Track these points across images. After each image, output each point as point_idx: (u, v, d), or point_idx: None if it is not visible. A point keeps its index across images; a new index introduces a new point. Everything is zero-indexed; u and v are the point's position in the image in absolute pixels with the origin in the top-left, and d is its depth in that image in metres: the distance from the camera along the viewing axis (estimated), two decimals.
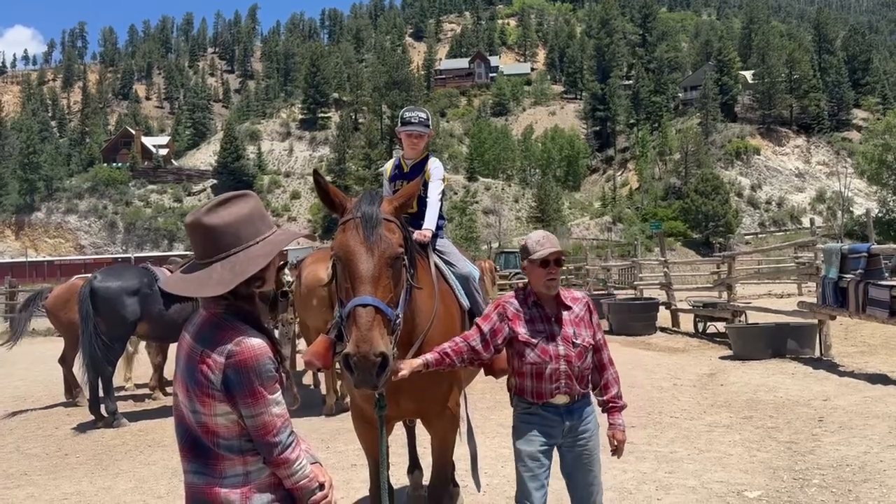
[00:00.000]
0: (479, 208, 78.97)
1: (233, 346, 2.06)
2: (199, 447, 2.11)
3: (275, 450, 2.08)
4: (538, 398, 3.37)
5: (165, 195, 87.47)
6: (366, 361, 2.71)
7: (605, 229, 74.90)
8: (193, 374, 2.08)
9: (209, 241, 2.15)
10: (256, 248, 2.16)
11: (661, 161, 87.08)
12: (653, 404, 8.29)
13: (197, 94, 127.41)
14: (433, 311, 3.58)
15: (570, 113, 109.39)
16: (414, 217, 4.21)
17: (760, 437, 6.64)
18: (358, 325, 2.75)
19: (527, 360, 3.36)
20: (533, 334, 3.37)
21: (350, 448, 6.50)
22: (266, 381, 2.07)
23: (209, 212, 2.16)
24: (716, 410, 7.86)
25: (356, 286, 2.87)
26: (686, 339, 14.53)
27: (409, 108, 4.66)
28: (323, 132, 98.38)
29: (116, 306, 8.57)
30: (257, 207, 2.23)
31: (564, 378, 3.34)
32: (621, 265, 31.03)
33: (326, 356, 3.85)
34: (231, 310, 2.15)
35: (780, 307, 13.61)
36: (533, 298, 3.47)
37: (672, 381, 9.77)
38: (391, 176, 4.68)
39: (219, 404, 2.06)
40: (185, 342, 2.17)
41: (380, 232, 2.96)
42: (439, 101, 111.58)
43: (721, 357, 11.73)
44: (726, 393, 8.79)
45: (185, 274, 2.20)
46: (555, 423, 3.37)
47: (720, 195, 68.54)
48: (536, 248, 3.41)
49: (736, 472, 5.62)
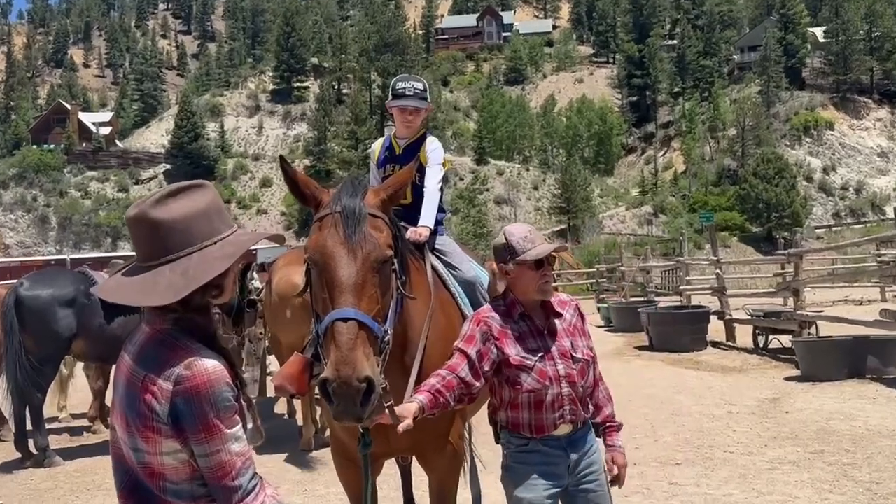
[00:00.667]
0: (490, 197, 79.05)
1: (182, 369, 2.05)
2: (142, 492, 2.11)
3: (234, 496, 2.07)
4: (538, 432, 3.31)
5: (108, 184, 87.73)
6: (347, 388, 2.69)
7: (644, 222, 74.93)
8: (134, 404, 2.08)
9: (156, 239, 2.14)
10: (214, 249, 2.15)
11: (713, 138, 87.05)
12: (702, 436, 8.27)
13: (146, 61, 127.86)
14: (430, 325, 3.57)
15: (600, 80, 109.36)
16: (408, 210, 4.22)
17: (834, 476, 6.62)
18: (338, 343, 2.74)
19: (523, 387, 3.28)
20: (527, 354, 3.30)
21: (332, 491, 6.51)
22: (223, 412, 2.07)
23: (157, 204, 2.16)
24: (779, 444, 7.84)
25: (335, 296, 2.86)
26: (743, 356, 14.49)
27: (402, 77, 4.67)
28: (299, 106, 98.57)
29: (47, 320, 8.57)
30: (215, 201, 2.24)
31: (568, 403, 3.30)
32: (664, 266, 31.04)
33: (301, 380, 3.85)
34: (181, 324, 2.15)
35: (859, 316, 13.57)
36: (520, 310, 3.40)
37: (726, 408, 9.75)
38: (380, 159, 4.68)
39: (165, 440, 2.05)
40: (124, 364, 2.17)
41: (364, 230, 2.96)
42: (441, 66, 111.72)
43: (786, 378, 11.70)
44: (792, 422, 8.77)
45: (125, 278, 2.20)
46: (559, 459, 3.33)
47: (785, 179, 68.45)
48: (525, 245, 3.32)
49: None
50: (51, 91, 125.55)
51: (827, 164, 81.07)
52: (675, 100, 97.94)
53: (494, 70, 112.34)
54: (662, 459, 7.18)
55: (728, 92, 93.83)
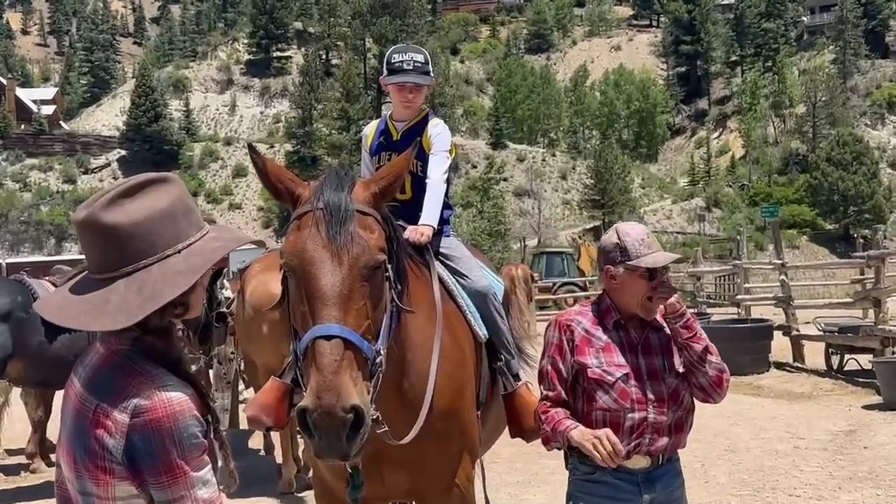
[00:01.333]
0: (508, 188, 78.95)
1: (141, 399, 2.06)
2: None
3: None
4: (610, 459, 3.35)
5: (52, 173, 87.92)
6: (331, 419, 2.69)
7: (694, 218, 74.70)
8: (84, 439, 2.09)
9: (109, 248, 2.14)
10: (177, 260, 2.16)
11: (778, 117, 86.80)
12: (764, 476, 8.29)
13: (96, 27, 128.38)
14: (434, 343, 3.58)
15: (642, 48, 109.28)
16: (408, 206, 4.23)
17: None
18: (319, 366, 2.73)
19: (597, 404, 3.42)
20: (609, 369, 3.42)
21: None
22: (188, 451, 2.08)
23: (110, 205, 2.15)
24: (856, 486, 7.84)
25: (317, 310, 2.85)
26: (814, 380, 14.49)
27: (399, 48, 4.65)
28: (279, 79, 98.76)
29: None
30: (181, 198, 2.24)
31: (651, 432, 3.41)
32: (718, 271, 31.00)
33: (280, 409, 3.88)
34: (141, 345, 2.16)
35: None
36: (615, 317, 3.53)
37: (792, 443, 9.76)
38: (374, 147, 4.69)
39: (119, 483, 2.07)
40: (73, 391, 2.18)
41: (350, 229, 2.94)
42: (450, 31, 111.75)
43: (865, 406, 11.70)
44: (872, 459, 8.78)
45: (71, 295, 2.20)
46: (629, 496, 3.43)
47: (865, 166, 68.14)
48: (641, 249, 3.43)
49: None
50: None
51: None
52: (732, 70, 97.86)
53: (514, 36, 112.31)
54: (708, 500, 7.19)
55: (796, 61, 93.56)
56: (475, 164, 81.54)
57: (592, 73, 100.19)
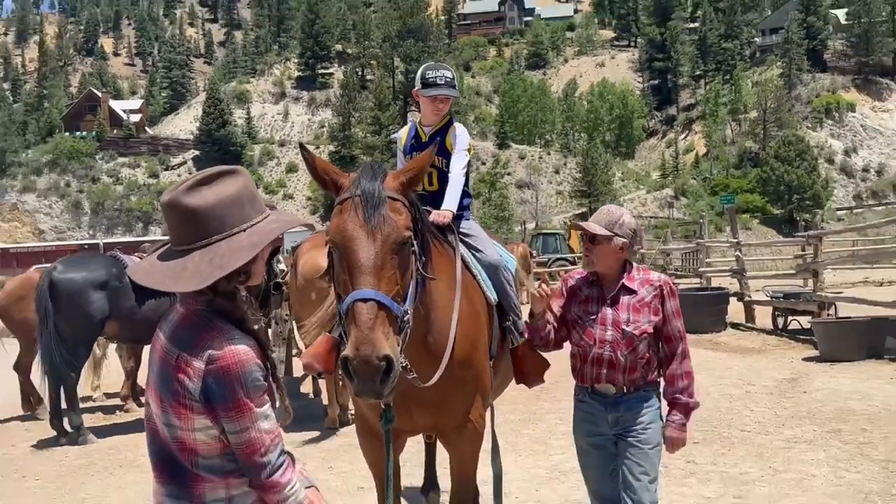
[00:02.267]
0: (511, 181, 78.83)
1: (214, 349, 2.10)
2: (175, 467, 2.16)
3: (263, 472, 2.13)
4: (581, 381, 3.78)
5: (139, 170, 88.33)
6: (367, 366, 2.72)
7: (665, 205, 74.45)
8: (168, 382, 2.13)
9: (188, 225, 2.17)
10: (242, 237, 2.18)
11: (735, 121, 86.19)
12: (720, 416, 8.28)
13: (174, 49, 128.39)
14: (454, 306, 3.60)
15: (622, 64, 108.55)
16: (434, 196, 4.23)
17: (850, 454, 6.61)
18: (357, 323, 2.76)
19: (573, 340, 3.79)
20: (582, 315, 3.74)
21: (356, 468, 6.58)
22: (253, 392, 2.11)
23: (190, 190, 2.18)
24: (796, 423, 7.83)
25: (355, 277, 2.88)
26: (762, 337, 14.44)
27: (431, 66, 4.61)
28: (324, 92, 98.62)
29: (81, 303, 8.70)
30: (247, 187, 2.25)
31: (606, 366, 3.66)
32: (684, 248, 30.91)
33: (328, 358, 3.92)
34: (214, 306, 2.19)
35: (878, 297, 13.47)
36: (593, 276, 3.82)
37: (744, 388, 9.74)
38: (406, 147, 4.67)
39: (197, 417, 2.11)
40: (159, 344, 2.22)
41: (382, 212, 2.96)
42: (463, 51, 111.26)
43: (805, 359, 11.65)
44: (810, 402, 8.75)
45: (156, 262, 2.23)
46: (599, 413, 3.73)
47: (806, 162, 67.77)
48: (591, 222, 3.76)
49: (819, 497, 5.62)
50: (82, 79, 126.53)
51: (848, 146, 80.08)
52: (697, 83, 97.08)
53: (516, 55, 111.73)
54: None
55: (750, 75, 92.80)
56: (484, 162, 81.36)
57: (581, 86, 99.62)
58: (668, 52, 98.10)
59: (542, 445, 7.37)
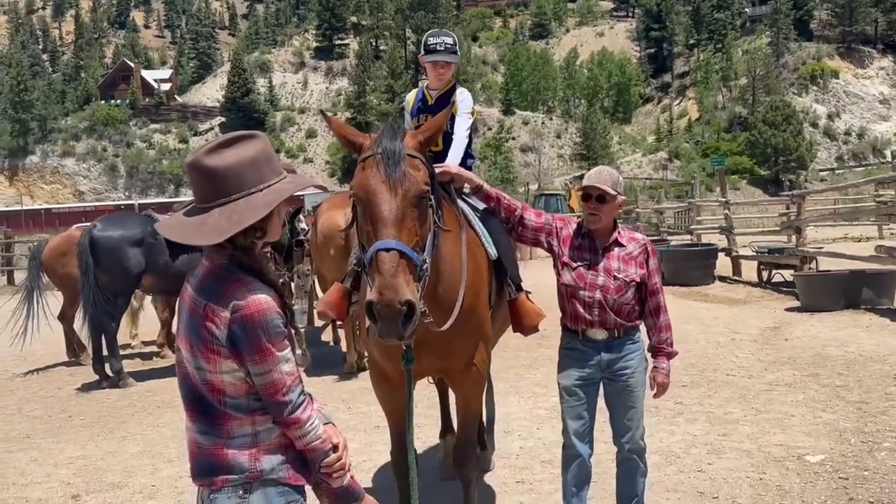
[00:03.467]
0: (515, 145, 78.26)
1: (238, 300, 2.12)
2: (205, 406, 2.19)
3: (285, 409, 2.16)
4: (574, 322, 3.78)
5: (170, 135, 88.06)
6: (390, 310, 2.74)
7: (660, 167, 73.86)
8: (197, 330, 2.15)
9: (209, 184, 2.18)
10: (258, 195, 2.18)
11: (725, 87, 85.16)
12: (707, 361, 8.33)
13: (200, 22, 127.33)
14: (460, 258, 3.60)
15: (620, 34, 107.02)
16: (439, 156, 4.20)
17: (827, 396, 6.66)
18: (381, 271, 2.78)
19: (562, 279, 3.80)
20: (574, 259, 3.78)
21: (373, 409, 6.64)
22: (274, 338, 2.14)
23: (211, 152, 2.19)
24: (777, 368, 7.87)
25: (378, 229, 2.89)
26: (748, 290, 14.45)
27: (434, 33, 4.60)
28: (340, 62, 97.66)
29: (119, 258, 8.78)
30: (265, 150, 2.25)
31: (598, 307, 3.70)
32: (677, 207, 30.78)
33: (341, 306, 3.96)
34: (234, 259, 2.21)
35: (857, 252, 13.43)
36: (586, 229, 3.84)
37: (730, 336, 9.78)
38: (414, 109, 4.67)
39: (224, 361, 2.14)
40: (187, 295, 2.24)
41: (403, 168, 2.96)
42: (470, 23, 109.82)
43: (787, 309, 11.68)
44: (790, 348, 8.79)
45: (182, 218, 2.25)
46: (592, 357, 3.75)
47: (792, 126, 67.00)
48: (585, 180, 3.79)
49: (797, 435, 5.67)
50: (115, 51, 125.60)
51: (832, 111, 79.02)
52: (690, 51, 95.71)
53: (521, 25, 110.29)
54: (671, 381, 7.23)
55: (740, 43, 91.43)
56: (490, 127, 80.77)
57: (581, 55, 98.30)
58: (663, 22, 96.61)
59: (542, 388, 7.43)
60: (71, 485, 5.63)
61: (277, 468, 2.19)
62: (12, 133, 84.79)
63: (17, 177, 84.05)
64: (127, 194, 78.04)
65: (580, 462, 3.79)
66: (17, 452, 6.55)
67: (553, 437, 5.88)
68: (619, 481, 3.94)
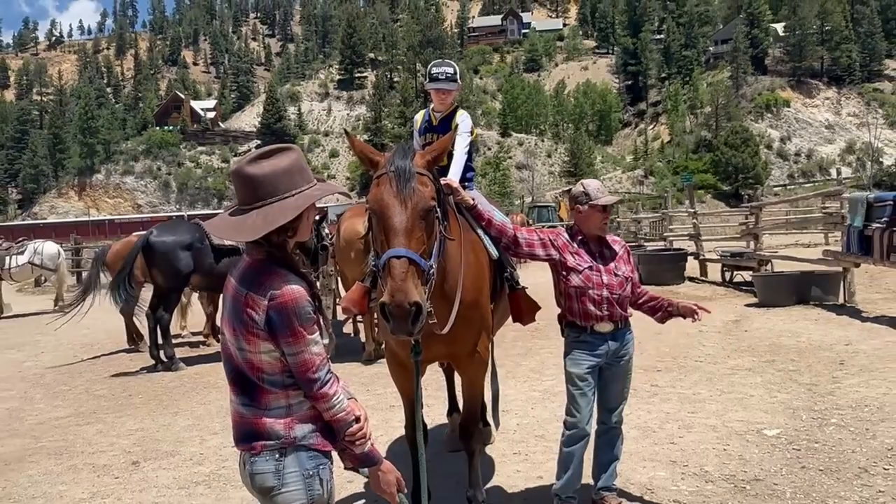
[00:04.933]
0: (512, 163, 78.21)
1: (274, 289, 2.12)
2: (246, 382, 2.19)
3: (314, 385, 2.16)
4: (584, 319, 3.73)
5: (214, 156, 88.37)
6: (401, 310, 2.72)
7: (636, 182, 73.72)
8: (239, 315, 2.15)
9: (249, 189, 2.19)
10: (290, 200, 2.18)
11: (692, 114, 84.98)
12: (678, 349, 8.28)
13: (240, 59, 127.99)
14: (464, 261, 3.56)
15: (602, 68, 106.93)
16: (443, 170, 4.18)
17: (781, 379, 6.61)
18: (393, 275, 2.76)
19: (571, 283, 3.73)
20: (579, 263, 3.75)
21: (388, 391, 6.65)
22: (305, 322, 2.13)
23: (251, 162, 2.20)
24: (739, 355, 7.83)
25: (390, 238, 2.87)
26: (713, 288, 14.38)
27: (437, 63, 4.57)
28: (360, 92, 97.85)
29: (172, 259, 8.81)
30: (297, 161, 2.25)
31: (607, 303, 3.70)
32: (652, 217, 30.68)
33: (362, 302, 3.95)
34: (270, 256, 2.21)
35: (806, 256, 13.36)
36: (580, 237, 3.82)
37: (698, 328, 9.62)
38: (421, 128, 4.66)
39: (263, 342, 2.13)
40: (230, 285, 2.24)
41: (413, 185, 2.93)
42: (472, 58, 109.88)
43: (747, 305, 11.60)
44: (750, 338, 8.73)
45: (227, 217, 2.26)
46: (600, 346, 3.74)
47: (750, 147, 66.92)
48: (598, 194, 3.74)
49: (756, 412, 5.63)
50: (168, 84, 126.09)
51: (784, 135, 78.83)
52: (662, 83, 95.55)
53: (516, 60, 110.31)
54: (646, 367, 7.21)
55: (705, 77, 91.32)
56: (490, 147, 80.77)
57: (568, 86, 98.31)
58: (639, 59, 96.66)
59: (536, 374, 7.41)
60: (131, 453, 5.63)
61: (308, 435, 2.18)
62: (81, 155, 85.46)
63: (85, 192, 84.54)
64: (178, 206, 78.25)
65: (586, 440, 3.78)
66: (85, 426, 6.57)
67: (545, 416, 5.87)
68: (601, 450, 3.92)
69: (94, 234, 49.35)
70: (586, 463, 3.88)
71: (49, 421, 6.83)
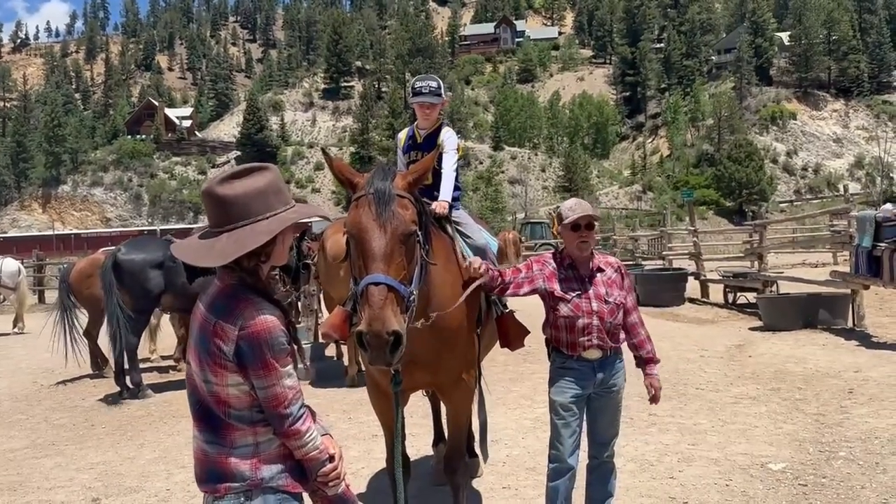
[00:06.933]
0: (504, 178, 78.54)
1: (246, 318, 2.09)
2: (211, 417, 2.16)
3: (286, 421, 2.12)
4: (572, 350, 3.68)
5: (190, 167, 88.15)
6: (378, 340, 2.71)
7: (634, 198, 74.15)
8: (206, 345, 2.12)
9: (220, 211, 2.16)
10: (263, 223, 2.15)
11: (693, 127, 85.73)
12: (678, 376, 8.27)
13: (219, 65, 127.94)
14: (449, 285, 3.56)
15: (598, 78, 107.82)
16: (429, 189, 4.18)
17: (787, 409, 6.61)
18: (370, 303, 2.75)
19: (560, 313, 3.67)
20: (567, 291, 3.68)
21: (371, 418, 6.52)
22: (278, 354, 2.10)
23: (223, 182, 2.17)
24: (742, 382, 7.83)
25: (368, 264, 2.86)
26: (715, 310, 14.43)
27: (420, 77, 4.60)
28: (346, 102, 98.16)
29: (141, 279, 8.73)
30: (274, 182, 2.22)
31: (596, 332, 3.65)
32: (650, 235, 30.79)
33: (343, 327, 3.92)
34: (242, 281, 2.18)
35: (813, 277, 13.44)
36: (568, 261, 3.77)
37: (699, 353, 9.73)
38: (405, 147, 4.66)
39: (231, 375, 2.10)
40: (198, 312, 2.21)
41: (392, 209, 2.93)
42: (464, 68, 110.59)
43: (750, 328, 11.65)
44: (754, 364, 8.75)
45: (195, 240, 2.24)
46: (587, 375, 3.68)
47: (754, 162, 67.48)
48: (568, 213, 3.70)
49: (760, 445, 5.62)
50: (141, 90, 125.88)
51: (790, 148, 79.66)
52: (662, 95, 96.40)
53: (509, 71, 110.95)
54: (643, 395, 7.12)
55: (707, 88, 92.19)
56: (481, 161, 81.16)
57: (564, 97, 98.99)
58: (637, 69, 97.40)
59: (527, 400, 7.38)
60: (91, 489, 5.54)
61: (277, 476, 2.15)
62: (46, 164, 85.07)
63: (50, 204, 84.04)
64: (150, 221, 77.92)
65: (572, 475, 3.72)
66: (43, 458, 6.46)
67: (537, 447, 5.82)
68: (593, 486, 3.88)
69: (58, 250, 48.93)
70: (579, 500, 3.85)
71: (2, 453, 6.72)
